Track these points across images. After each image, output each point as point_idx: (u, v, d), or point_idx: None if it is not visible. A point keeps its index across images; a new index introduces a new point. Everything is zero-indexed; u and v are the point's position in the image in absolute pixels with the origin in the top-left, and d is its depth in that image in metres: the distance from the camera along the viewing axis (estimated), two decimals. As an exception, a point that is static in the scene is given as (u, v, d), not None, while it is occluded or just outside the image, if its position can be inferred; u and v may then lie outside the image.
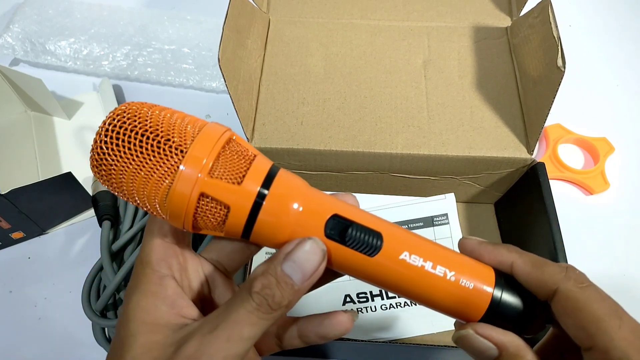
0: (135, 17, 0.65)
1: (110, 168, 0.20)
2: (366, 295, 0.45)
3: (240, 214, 0.21)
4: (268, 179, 0.21)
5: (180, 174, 0.20)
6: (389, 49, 0.50)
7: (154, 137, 0.20)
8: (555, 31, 0.40)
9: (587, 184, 0.54)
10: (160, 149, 0.20)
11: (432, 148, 0.44)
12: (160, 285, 0.22)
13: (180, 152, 0.20)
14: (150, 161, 0.20)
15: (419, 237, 0.23)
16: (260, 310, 0.20)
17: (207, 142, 0.21)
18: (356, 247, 0.21)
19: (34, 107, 0.58)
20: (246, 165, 0.21)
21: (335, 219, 0.21)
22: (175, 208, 0.20)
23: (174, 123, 0.21)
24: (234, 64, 0.42)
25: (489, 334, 0.22)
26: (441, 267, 0.22)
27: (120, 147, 0.20)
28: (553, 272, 0.22)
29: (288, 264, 0.21)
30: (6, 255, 0.52)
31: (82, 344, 0.47)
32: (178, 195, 0.20)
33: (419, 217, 0.48)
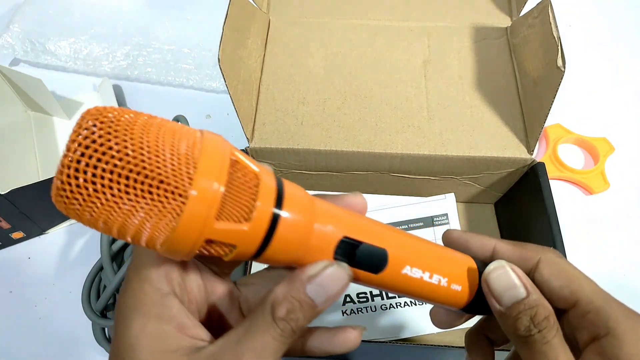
0: (135, 17, 0.65)
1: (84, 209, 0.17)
2: (366, 295, 0.45)
3: (248, 252, 0.19)
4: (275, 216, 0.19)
5: (182, 223, 0.17)
6: (389, 49, 0.50)
7: (142, 179, 0.16)
8: (555, 31, 0.39)
9: (587, 184, 0.54)
10: (154, 194, 0.17)
11: (432, 148, 0.44)
12: (164, 306, 0.20)
13: (179, 195, 0.17)
14: (141, 209, 0.17)
15: (419, 246, 0.24)
16: (284, 335, 0.20)
17: (210, 176, 0.17)
18: (362, 266, 0.22)
19: (34, 107, 0.58)
20: (252, 194, 0.19)
21: (344, 242, 0.21)
22: (173, 253, 0.18)
23: (162, 151, 0.17)
24: (234, 64, 0.42)
25: (522, 275, 0.23)
26: (437, 275, 0.24)
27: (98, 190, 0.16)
28: (533, 248, 0.25)
29: (312, 287, 0.20)
30: (6, 255, 0.52)
31: (82, 344, 0.47)
32: (179, 243, 0.18)
33: (419, 217, 0.48)
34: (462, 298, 0.25)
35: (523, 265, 0.24)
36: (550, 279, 0.24)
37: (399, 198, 0.49)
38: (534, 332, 0.22)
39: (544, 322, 0.22)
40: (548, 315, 0.22)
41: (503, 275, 0.23)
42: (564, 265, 0.24)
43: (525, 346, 0.22)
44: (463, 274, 0.25)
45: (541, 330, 0.21)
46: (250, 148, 0.45)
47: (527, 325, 0.22)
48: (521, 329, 0.22)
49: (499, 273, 0.23)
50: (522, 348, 0.22)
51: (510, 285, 0.23)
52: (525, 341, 0.22)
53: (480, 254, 0.26)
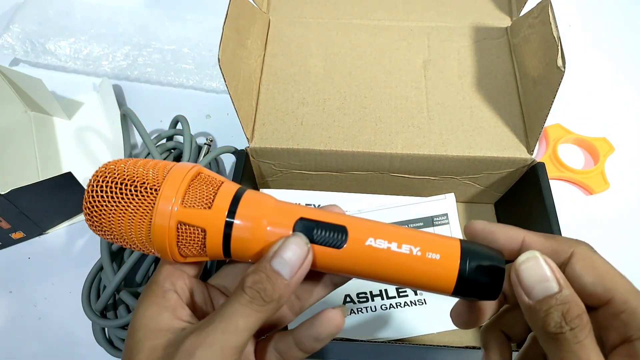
0: (135, 17, 0.65)
1: (101, 219, 0.23)
2: (366, 295, 0.45)
3: (216, 234, 0.23)
4: (235, 200, 0.23)
5: (157, 209, 0.22)
6: (389, 49, 0.50)
7: (130, 183, 0.23)
8: (555, 31, 0.39)
9: (587, 184, 0.54)
10: (137, 191, 0.23)
11: (432, 148, 0.44)
12: (163, 297, 0.24)
13: (155, 190, 0.23)
14: (130, 204, 0.23)
15: (383, 223, 0.24)
16: (254, 302, 0.22)
17: (177, 177, 0.23)
18: (324, 242, 0.23)
19: (34, 107, 0.58)
20: (214, 191, 0.24)
21: (301, 222, 0.23)
22: (158, 241, 0.23)
23: (147, 170, 0.23)
24: (234, 64, 0.42)
25: (555, 269, 0.21)
26: (406, 245, 0.23)
27: (104, 198, 0.23)
28: (566, 241, 0.24)
29: (276, 260, 0.22)
30: (6, 255, 0.52)
31: (82, 344, 0.47)
32: (158, 228, 0.22)
33: (419, 217, 0.48)
34: (446, 271, 0.23)
35: (555, 258, 0.23)
36: (583, 274, 0.22)
37: (399, 198, 0.49)
38: (565, 330, 0.20)
39: (576, 319, 0.20)
40: (581, 314, 0.20)
41: (535, 266, 0.21)
42: (598, 260, 0.23)
43: (554, 344, 0.21)
44: (439, 242, 0.23)
45: (573, 328, 0.20)
46: (250, 148, 0.45)
47: (559, 321, 0.20)
48: (551, 325, 0.20)
49: (530, 264, 0.22)
50: (550, 346, 0.21)
51: (543, 278, 0.21)
52: (555, 339, 0.20)
53: (508, 246, 0.24)
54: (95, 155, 0.57)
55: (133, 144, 0.58)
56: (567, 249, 0.23)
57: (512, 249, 0.24)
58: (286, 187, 0.51)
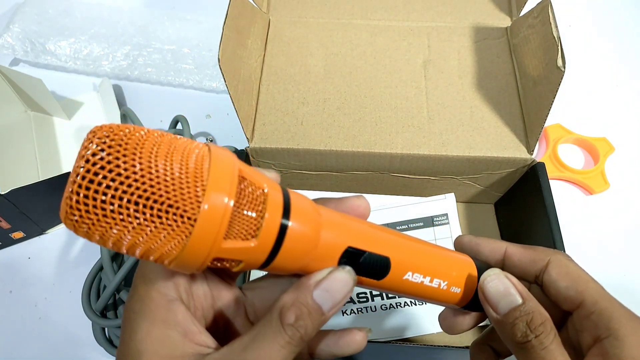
0: (135, 17, 0.65)
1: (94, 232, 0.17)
2: (366, 295, 0.45)
3: (254, 264, 0.20)
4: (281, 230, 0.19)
5: (190, 244, 0.17)
6: (389, 49, 0.50)
7: (151, 203, 0.16)
8: (555, 31, 0.39)
9: (587, 184, 0.54)
10: (162, 218, 0.17)
11: (432, 148, 0.44)
12: (170, 311, 0.20)
13: (188, 219, 0.17)
14: (151, 232, 0.17)
15: (421, 251, 0.25)
16: (292, 343, 0.20)
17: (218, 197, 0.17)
18: (366, 273, 0.23)
19: (34, 107, 0.58)
20: (260, 211, 0.19)
21: (348, 251, 0.22)
22: (181, 269, 0.19)
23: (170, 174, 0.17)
24: (234, 64, 0.42)
25: (517, 283, 0.23)
26: (437, 279, 0.24)
27: (107, 215, 0.16)
28: (543, 250, 0.26)
29: (319, 293, 0.20)
30: (6, 255, 0.52)
31: (82, 344, 0.47)
32: (188, 262, 0.18)
33: (419, 217, 0.48)
34: (461, 299, 0.26)
35: (534, 266, 0.25)
36: (558, 280, 0.24)
37: (399, 198, 0.49)
38: (530, 338, 0.22)
39: (540, 327, 0.22)
40: (544, 321, 0.22)
41: (498, 283, 0.23)
42: (572, 266, 0.25)
43: (523, 353, 0.22)
44: (462, 277, 0.25)
45: (538, 335, 0.22)
46: (250, 148, 0.45)
47: (524, 331, 0.22)
48: (518, 335, 0.22)
49: (494, 282, 0.23)
50: (520, 355, 0.22)
51: (506, 293, 0.23)
52: (523, 347, 0.22)
53: (492, 258, 0.27)
54: (95, 155, 0.57)
55: (133, 144, 0.57)
56: (544, 257, 0.25)
57: (496, 259, 0.27)
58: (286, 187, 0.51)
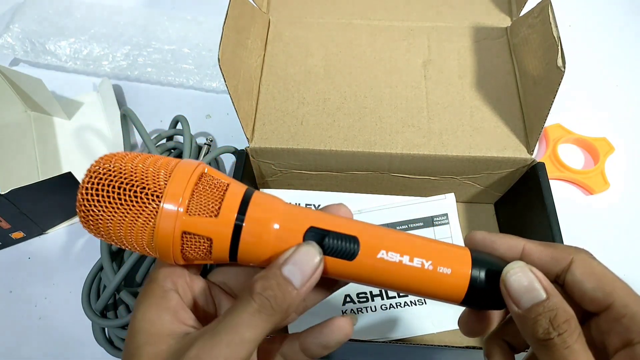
0: (135, 17, 0.65)
1: (97, 222, 0.22)
2: (366, 295, 0.45)
3: (222, 243, 0.22)
4: (243, 205, 0.22)
5: (160, 218, 0.21)
6: (389, 49, 0.50)
7: (129, 187, 0.21)
8: (555, 31, 0.39)
9: (587, 184, 0.54)
10: (138, 197, 0.21)
11: (432, 148, 0.44)
12: (164, 298, 0.23)
13: (157, 197, 0.21)
14: (131, 210, 0.21)
15: (394, 232, 0.24)
16: (262, 311, 0.21)
17: (180, 182, 0.22)
18: (335, 254, 0.23)
19: (34, 107, 0.58)
20: (220, 196, 0.22)
21: (311, 231, 0.23)
22: (162, 249, 0.22)
23: (146, 170, 0.22)
24: (234, 64, 0.42)
25: (542, 278, 0.22)
26: (418, 259, 0.23)
27: (101, 202, 0.21)
28: (565, 248, 0.24)
29: (287, 267, 0.21)
30: (6, 255, 0.52)
31: (82, 344, 0.47)
32: (162, 237, 0.21)
33: (419, 217, 0.48)
34: (456, 285, 0.23)
35: (555, 265, 0.24)
36: (583, 280, 0.23)
37: (399, 198, 0.49)
38: (553, 336, 0.21)
39: (564, 325, 0.21)
40: (569, 319, 0.21)
41: (522, 276, 0.22)
42: (598, 266, 0.23)
43: (544, 350, 0.21)
44: (451, 255, 0.23)
45: (561, 333, 0.21)
46: (250, 148, 0.45)
47: (546, 328, 0.21)
48: (540, 332, 0.21)
49: (518, 274, 0.22)
50: (541, 352, 0.21)
51: (530, 288, 0.22)
52: (545, 345, 0.21)
53: (509, 255, 0.25)
54: (95, 155, 0.56)
55: (133, 144, 0.57)
56: (567, 256, 0.24)
57: (513, 257, 0.25)
58: (286, 187, 0.51)
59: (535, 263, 0.24)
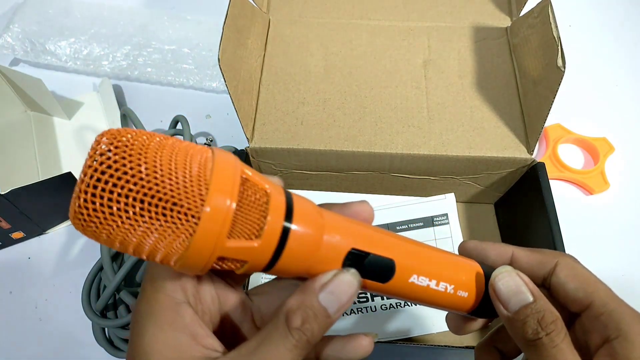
0: (135, 17, 0.65)
1: (101, 232, 0.17)
2: (366, 295, 0.45)
3: (258, 266, 0.20)
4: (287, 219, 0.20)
5: (194, 242, 0.17)
6: (389, 49, 0.50)
7: (156, 202, 0.17)
8: (555, 31, 0.39)
9: (587, 184, 0.54)
10: (167, 216, 0.17)
11: (432, 148, 0.44)
12: (177, 314, 0.20)
13: (192, 217, 0.17)
14: (155, 231, 0.17)
15: (426, 254, 0.25)
16: (299, 346, 0.20)
17: (221, 199, 0.18)
18: (370, 276, 0.23)
19: (34, 107, 0.58)
20: (262, 211, 0.19)
21: (352, 253, 0.22)
22: (187, 270, 0.19)
23: (175, 171, 0.17)
24: (234, 64, 0.42)
25: (528, 281, 0.24)
26: (443, 283, 0.24)
27: (112, 214, 0.17)
28: (551, 253, 0.26)
29: (325, 296, 0.20)
30: (6, 255, 0.52)
31: (82, 344, 0.47)
32: (192, 262, 0.18)
33: (419, 217, 0.48)
34: (468, 304, 0.26)
35: (541, 269, 0.25)
36: (567, 281, 0.25)
37: (399, 198, 0.49)
38: (541, 335, 0.22)
39: (551, 325, 0.22)
40: (555, 320, 0.22)
41: (510, 281, 0.23)
42: (580, 269, 0.25)
43: (534, 350, 0.22)
44: (469, 281, 0.25)
45: (549, 333, 0.22)
46: (250, 148, 0.45)
47: (535, 328, 0.22)
48: (529, 333, 0.22)
49: (506, 279, 0.23)
50: (530, 353, 0.22)
51: (517, 291, 0.23)
52: (534, 345, 0.22)
53: (499, 262, 0.27)
54: (95, 155, 0.57)
55: (133, 144, 0.57)
56: (552, 260, 0.25)
57: (503, 263, 0.26)
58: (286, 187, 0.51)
59: (524, 268, 0.26)
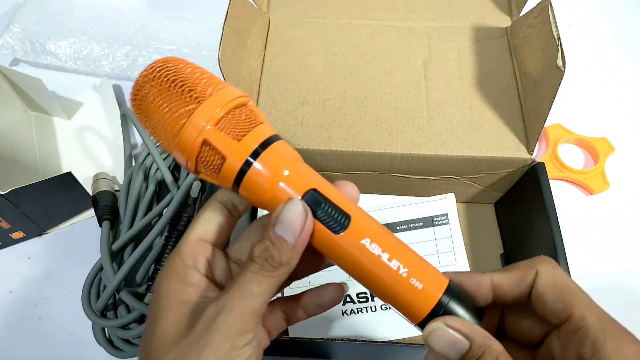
0: (135, 17, 0.65)
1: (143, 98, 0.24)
2: (366, 295, 0.45)
3: (233, 166, 0.23)
4: (264, 144, 0.24)
5: (192, 118, 0.23)
6: (389, 49, 0.50)
7: (180, 84, 0.23)
8: (555, 31, 0.39)
9: (587, 184, 0.54)
10: (184, 95, 0.23)
11: (432, 148, 0.44)
12: (186, 274, 0.25)
13: (198, 101, 0.23)
14: (174, 101, 0.23)
15: (386, 231, 0.24)
16: (264, 269, 0.23)
17: (222, 99, 0.23)
18: (325, 222, 0.24)
19: (34, 107, 0.58)
20: (249, 127, 0.24)
21: (312, 192, 0.24)
22: (182, 147, 0.24)
23: (201, 79, 0.24)
24: (234, 64, 0.42)
25: (459, 327, 0.23)
26: (396, 261, 0.23)
27: (155, 84, 0.24)
28: (528, 264, 0.25)
29: (278, 227, 0.23)
30: (6, 255, 0.52)
31: (82, 344, 0.47)
32: (186, 137, 0.23)
33: (419, 217, 0.48)
34: (421, 302, 0.23)
35: (524, 284, 0.24)
36: (545, 292, 0.23)
37: (399, 198, 0.49)
38: None
39: None
40: (498, 355, 0.22)
41: (441, 337, 0.23)
42: (560, 276, 0.24)
43: None
44: (429, 274, 0.24)
45: None
46: (250, 148, 0.45)
47: None
48: None
49: (436, 336, 0.23)
50: None
51: (451, 343, 0.22)
52: None
53: (480, 294, 0.25)
54: (95, 155, 0.57)
55: (133, 144, 0.57)
56: (531, 272, 0.24)
57: (485, 294, 0.25)
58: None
59: (506, 292, 0.25)
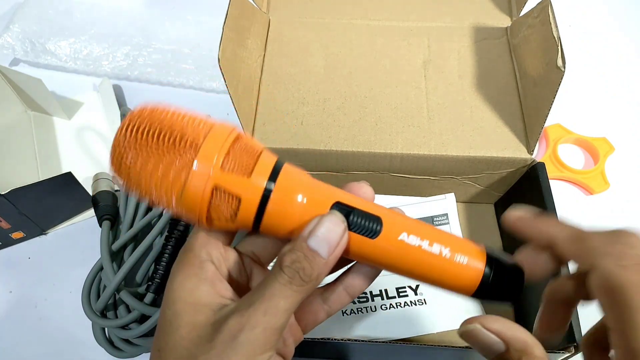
0: (135, 17, 0.65)
1: (130, 166, 0.21)
2: (366, 295, 0.45)
3: (251, 204, 0.22)
4: (274, 172, 0.23)
5: (196, 167, 0.21)
6: (389, 49, 0.50)
7: (169, 135, 0.21)
8: (555, 31, 0.40)
9: (587, 184, 0.54)
10: (176, 146, 0.21)
11: (432, 148, 0.44)
12: (201, 268, 0.23)
13: (194, 147, 0.21)
14: (166, 157, 0.21)
15: (416, 220, 0.25)
16: (293, 282, 0.22)
17: (219, 139, 0.22)
18: (358, 231, 0.23)
19: (34, 107, 0.58)
20: (254, 160, 0.23)
21: (337, 206, 0.23)
22: (190, 201, 0.22)
23: (186, 123, 0.22)
24: (234, 64, 0.42)
25: (496, 329, 0.23)
26: (437, 244, 0.23)
27: (138, 146, 0.21)
28: (592, 246, 0.22)
29: (313, 239, 0.22)
30: (6, 255, 0.52)
31: (82, 344, 0.47)
32: (193, 188, 0.21)
33: (419, 217, 0.48)
34: (470, 275, 0.24)
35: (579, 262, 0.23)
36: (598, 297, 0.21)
37: (399, 198, 0.49)
38: None
39: None
40: None
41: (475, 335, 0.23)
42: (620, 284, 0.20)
43: None
44: (468, 247, 0.24)
45: None
46: (250, 148, 0.45)
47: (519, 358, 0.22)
48: None
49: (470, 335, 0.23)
50: None
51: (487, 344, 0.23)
52: None
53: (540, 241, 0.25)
54: (95, 155, 0.57)
55: (133, 144, 0.57)
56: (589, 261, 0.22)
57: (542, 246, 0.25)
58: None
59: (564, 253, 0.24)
